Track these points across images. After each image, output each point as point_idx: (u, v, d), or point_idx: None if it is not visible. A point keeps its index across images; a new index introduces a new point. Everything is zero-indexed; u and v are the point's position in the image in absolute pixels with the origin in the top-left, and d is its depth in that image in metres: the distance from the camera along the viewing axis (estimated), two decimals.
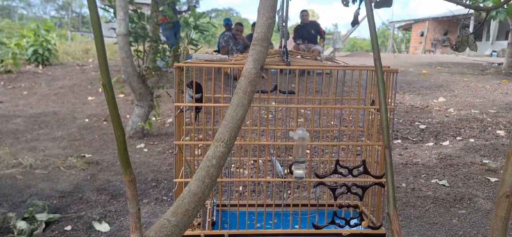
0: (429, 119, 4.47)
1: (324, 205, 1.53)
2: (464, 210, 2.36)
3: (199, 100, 1.31)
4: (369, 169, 1.32)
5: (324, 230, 1.33)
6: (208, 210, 1.45)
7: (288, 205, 1.50)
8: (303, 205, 1.55)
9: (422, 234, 2.09)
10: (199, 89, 1.30)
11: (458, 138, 3.82)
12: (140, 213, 0.87)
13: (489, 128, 4.05)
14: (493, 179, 2.79)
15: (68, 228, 2.13)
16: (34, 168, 3.12)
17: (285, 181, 1.49)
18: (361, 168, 1.30)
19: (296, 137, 1.25)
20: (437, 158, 3.28)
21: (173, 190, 1.27)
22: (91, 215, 2.28)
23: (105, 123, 4.76)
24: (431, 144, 3.69)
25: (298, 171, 1.26)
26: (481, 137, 3.78)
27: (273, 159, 1.53)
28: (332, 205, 1.47)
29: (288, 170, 1.46)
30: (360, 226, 1.37)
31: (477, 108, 4.80)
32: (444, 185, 2.72)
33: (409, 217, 2.28)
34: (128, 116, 4.82)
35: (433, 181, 2.80)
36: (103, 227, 2.14)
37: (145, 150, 3.73)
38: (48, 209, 2.29)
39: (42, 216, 2.17)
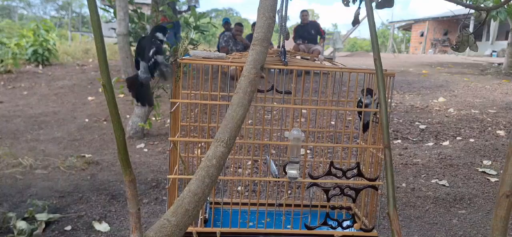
0: (429, 119, 4.46)
1: (317, 206, 1.53)
2: (464, 210, 2.36)
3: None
4: (363, 171, 1.32)
5: (316, 231, 1.34)
6: None
7: (281, 205, 1.50)
8: (296, 205, 1.55)
9: (422, 234, 2.09)
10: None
11: (458, 138, 3.81)
12: (140, 213, 0.87)
13: (489, 128, 4.05)
14: (493, 179, 2.79)
15: (68, 228, 2.13)
16: (34, 168, 3.12)
17: (279, 181, 1.48)
18: (355, 170, 1.30)
19: (291, 137, 1.25)
20: (437, 158, 3.27)
21: (167, 186, 1.27)
22: (91, 215, 2.28)
23: (105, 123, 4.76)
24: (431, 144, 3.69)
25: (292, 171, 1.26)
26: (481, 137, 3.78)
27: (267, 158, 1.53)
28: (325, 206, 1.47)
29: (283, 170, 1.46)
30: (352, 228, 1.37)
31: (477, 108, 4.80)
32: (444, 185, 2.72)
33: (409, 217, 2.28)
34: (128, 116, 4.82)
35: (433, 181, 2.80)
36: (103, 227, 2.14)
37: (145, 150, 3.73)
38: (48, 209, 2.29)
39: (42, 216, 2.17)
